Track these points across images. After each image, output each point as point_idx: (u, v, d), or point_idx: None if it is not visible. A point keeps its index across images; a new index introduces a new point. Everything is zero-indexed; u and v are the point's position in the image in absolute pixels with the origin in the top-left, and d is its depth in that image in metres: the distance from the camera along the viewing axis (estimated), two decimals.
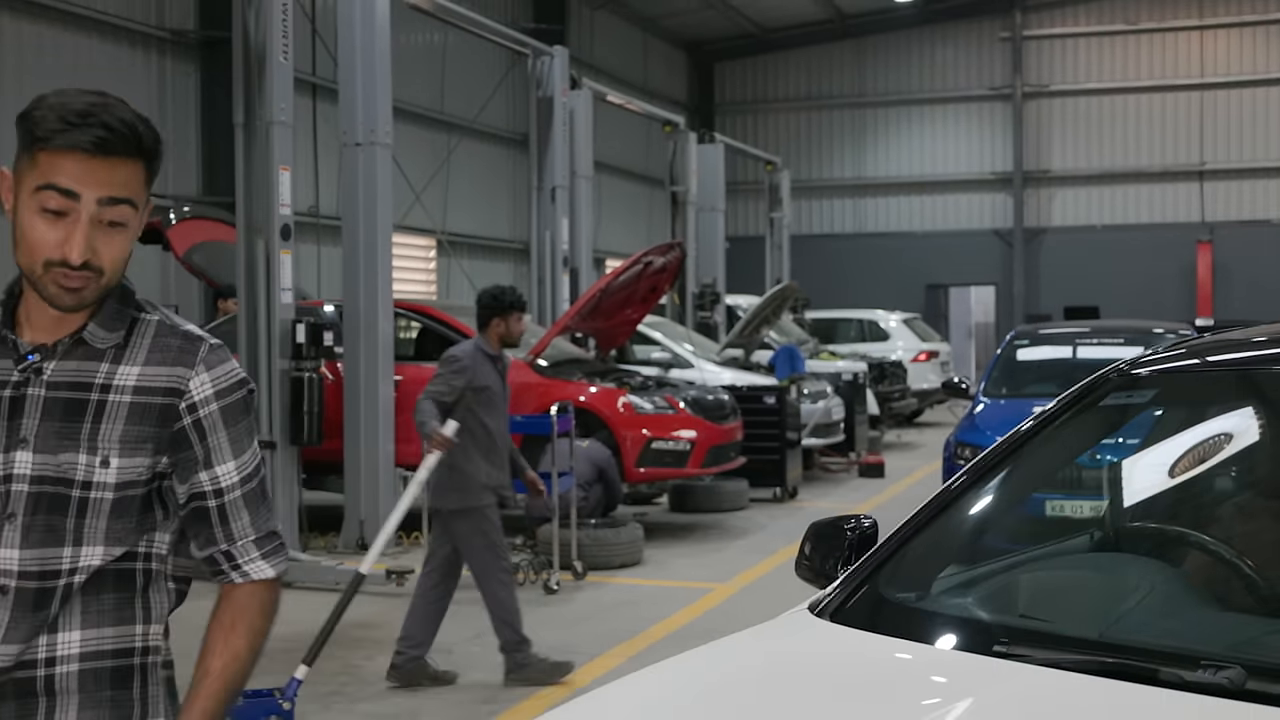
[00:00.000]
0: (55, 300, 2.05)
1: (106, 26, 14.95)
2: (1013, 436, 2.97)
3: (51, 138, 2.00)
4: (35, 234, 2.02)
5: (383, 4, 10.66)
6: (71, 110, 2.00)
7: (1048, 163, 29.43)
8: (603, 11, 26.44)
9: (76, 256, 2.00)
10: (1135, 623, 2.39)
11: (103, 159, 2.01)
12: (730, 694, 2.22)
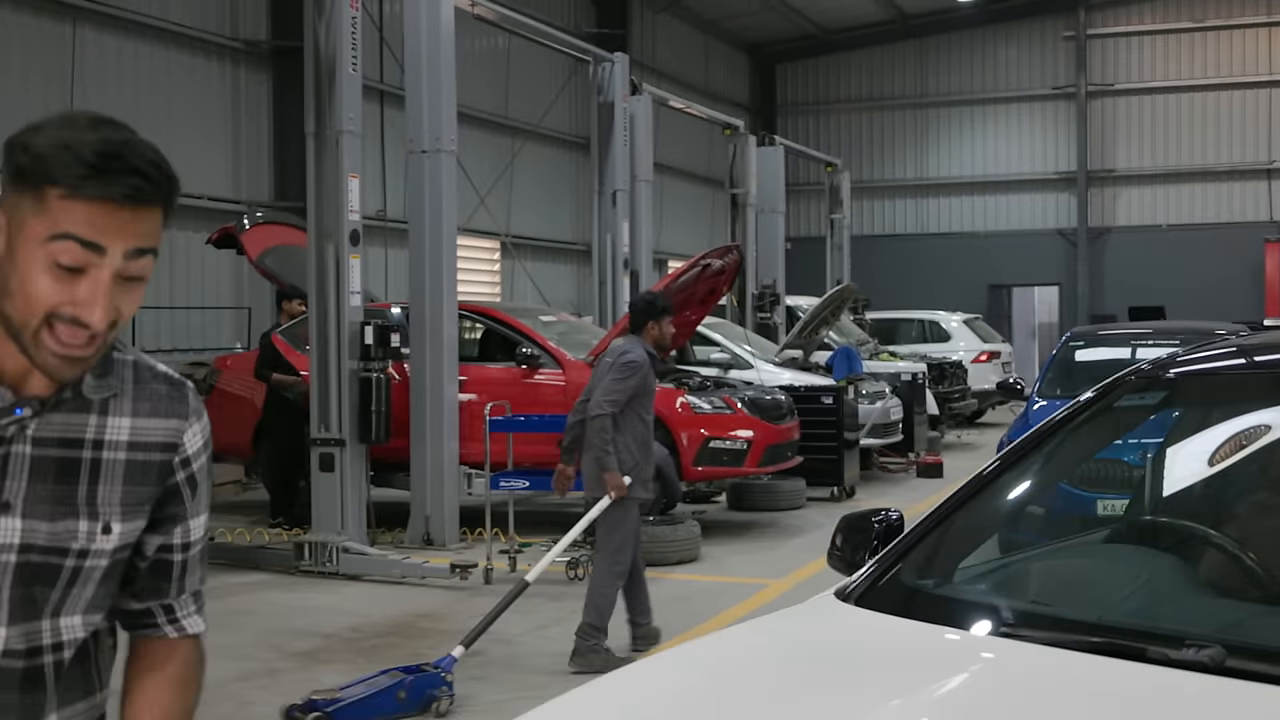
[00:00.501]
0: (49, 371, 1.75)
1: (183, 38, 15.41)
2: (1033, 434, 3.18)
3: (80, 185, 1.69)
4: (39, 288, 1.71)
5: (447, 17, 10.95)
6: (93, 150, 1.70)
7: (1112, 162, 29.31)
8: (665, 15, 26.69)
9: (100, 320, 1.73)
10: (1133, 608, 2.58)
11: (132, 209, 1.72)
12: (751, 670, 2.44)
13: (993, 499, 3.09)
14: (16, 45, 13.28)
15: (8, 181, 1.73)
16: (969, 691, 2.20)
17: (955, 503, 3.03)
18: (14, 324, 1.73)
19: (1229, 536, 2.83)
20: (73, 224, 1.69)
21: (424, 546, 10.72)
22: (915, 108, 30.82)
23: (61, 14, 13.88)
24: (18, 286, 1.72)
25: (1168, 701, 2.13)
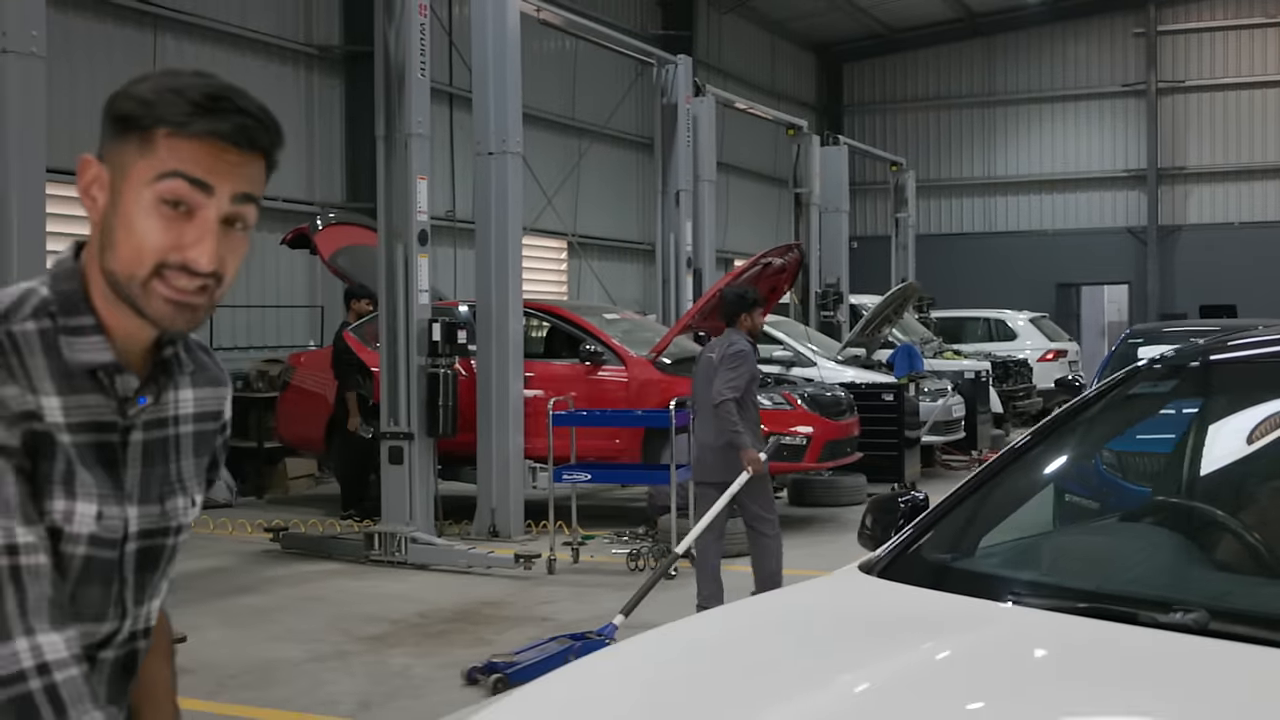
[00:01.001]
0: (162, 320, 1.70)
1: (259, 44, 15.84)
2: (1053, 419, 3.37)
3: (187, 122, 1.66)
4: (146, 232, 1.66)
5: (513, 23, 11.22)
6: (200, 91, 1.68)
7: (1183, 159, 29.08)
8: (731, 16, 26.85)
9: (208, 261, 1.67)
10: (1132, 578, 2.77)
11: (238, 151, 1.69)
12: (763, 630, 2.66)
13: (1013, 479, 3.29)
14: (101, 53, 13.74)
15: (110, 132, 1.71)
16: (967, 648, 2.41)
17: (977, 483, 3.23)
18: (120, 279, 1.68)
19: (1235, 516, 3.00)
20: (181, 161, 1.66)
21: (490, 538, 11.01)
22: (983, 106, 30.75)
23: (143, 22, 14.33)
24: (123, 236, 1.67)
25: (1152, 658, 2.33)
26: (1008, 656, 2.38)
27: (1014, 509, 3.30)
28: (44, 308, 1.69)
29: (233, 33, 15.43)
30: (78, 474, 1.68)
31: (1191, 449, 3.45)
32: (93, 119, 8.17)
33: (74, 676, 1.61)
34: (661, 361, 12.05)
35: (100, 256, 1.69)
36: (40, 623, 1.60)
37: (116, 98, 1.71)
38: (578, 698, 2.44)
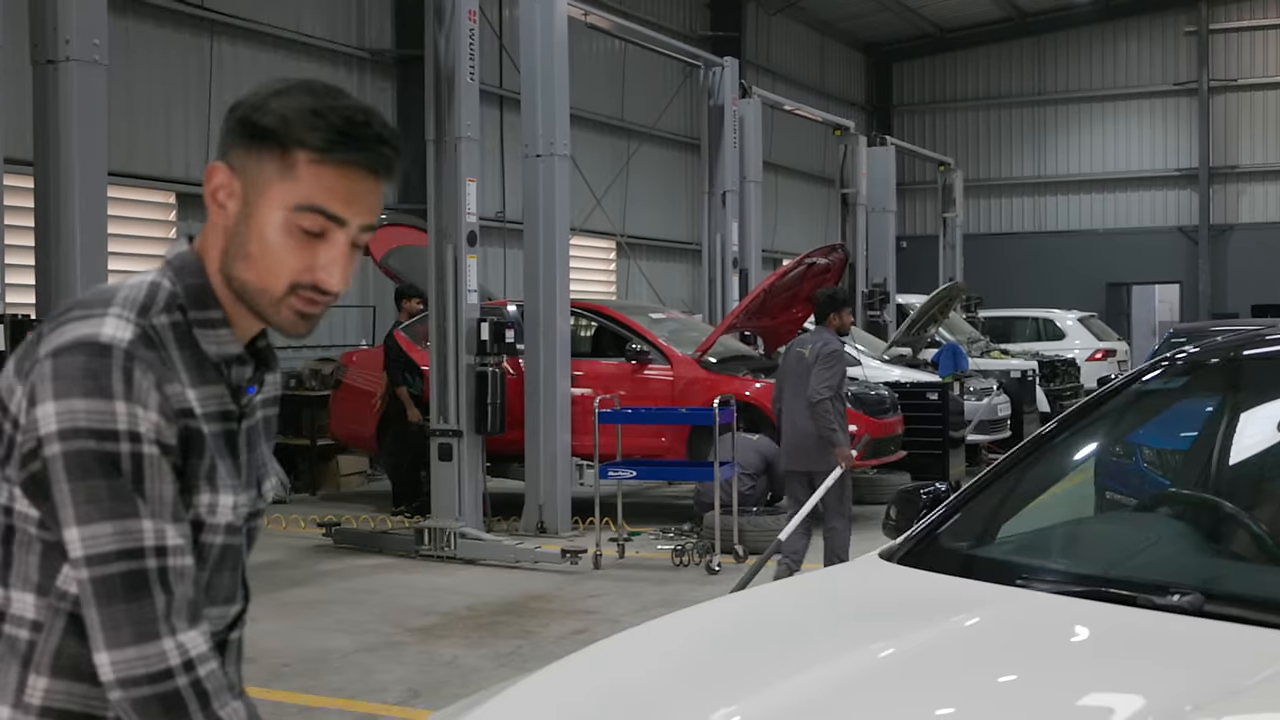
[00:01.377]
0: (288, 328, 1.78)
1: (313, 48, 16.13)
2: (1070, 413, 3.51)
3: (330, 150, 1.71)
4: (285, 254, 1.73)
5: (561, 28, 11.41)
6: (343, 116, 1.72)
7: (1235, 158, 28.88)
8: (780, 17, 26.94)
9: (339, 284, 1.75)
10: (1137, 564, 2.90)
11: (373, 180, 1.75)
12: (779, 610, 2.83)
13: (1030, 471, 3.43)
14: (159, 58, 14.07)
15: (243, 141, 1.73)
16: (971, 627, 2.56)
17: (994, 475, 3.38)
18: (250, 288, 1.75)
19: (1243, 508, 3.13)
20: (322, 192, 1.71)
21: (538, 534, 11.20)
22: (1033, 105, 30.67)
23: (200, 28, 14.65)
24: (257, 250, 1.73)
25: (1144, 636, 2.47)
26: (1008, 634, 2.53)
27: (1030, 500, 3.44)
28: (173, 301, 1.74)
29: (287, 37, 15.73)
30: (217, 466, 1.76)
31: (1206, 443, 3.57)
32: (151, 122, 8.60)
33: (214, 670, 1.68)
34: (707, 360, 12.20)
35: (227, 262, 1.75)
36: (181, 621, 1.66)
37: (254, 110, 1.72)
38: (611, 667, 2.61)
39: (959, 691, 2.28)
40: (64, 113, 7.41)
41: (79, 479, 1.63)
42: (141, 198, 13.95)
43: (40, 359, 1.67)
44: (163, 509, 1.66)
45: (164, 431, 1.67)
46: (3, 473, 1.72)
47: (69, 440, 1.63)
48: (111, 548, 1.64)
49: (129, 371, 1.65)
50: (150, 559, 1.65)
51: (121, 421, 1.64)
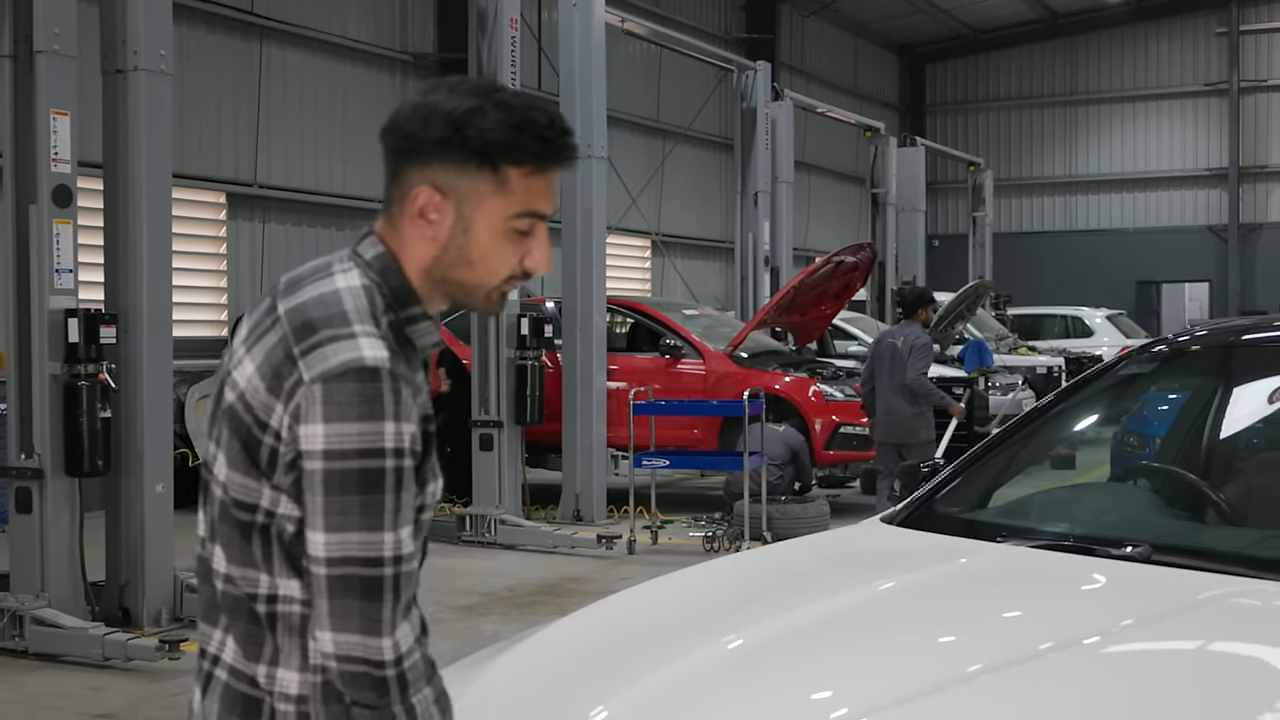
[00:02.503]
0: (489, 309, 1.99)
1: (358, 53, 16.65)
2: (1057, 394, 3.94)
3: (542, 161, 1.90)
4: (505, 254, 1.93)
5: (599, 35, 11.85)
6: (543, 126, 1.89)
7: (1265, 158, 29.06)
8: (814, 19, 27.30)
9: (546, 267, 1.98)
10: (1101, 524, 3.33)
11: (566, 172, 1.95)
12: (791, 560, 3.28)
13: (1017, 446, 3.85)
14: (211, 61, 14.60)
15: (453, 158, 1.89)
16: (948, 571, 3.00)
17: (985, 450, 3.80)
18: (469, 285, 1.95)
19: (1203, 478, 3.56)
20: (534, 198, 1.90)
21: (574, 522, 11.64)
22: (1065, 105, 30.92)
23: (250, 33, 15.18)
24: (478, 256, 1.92)
25: (1096, 576, 2.91)
26: (980, 575, 2.96)
27: (1017, 471, 3.87)
28: (386, 304, 1.91)
29: (334, 42, 16.24)
30: (433, 455, 1.95)
31: (1178, 422, 3.99)
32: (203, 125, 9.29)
33: (417, 660, 1.85)
34: (738, 355, 12.62)
35: (442, 268, 1.93)
36: (401, 619, 1.83)
37: (462, 128, 1.87)
38: (639, 608, 3.05)
39: (928, 619, 2.72)
40: (132, 120, 7.83)
41: (335, 494, 1.81)
42: (193, 198, 14.47)
43: (308, 383, 1.83)
44: (405, 517, 1.84)
45: (417, 440, 1.86)
46: (271, 481, 1.88)
47: (333, 460, 1.81)
48: (355, 554, 1.82)
49: (398, 392, 1.83)
50: (388, 568, 1.82)
51: (389, 440, 1.82)
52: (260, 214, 15.48)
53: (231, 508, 1.93)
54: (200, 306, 14.78)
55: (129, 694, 6.48)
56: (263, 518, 1.90)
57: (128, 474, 7.70)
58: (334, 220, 16.21)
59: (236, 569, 1.94)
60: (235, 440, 1.91)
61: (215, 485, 1.95)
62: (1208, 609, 2.64)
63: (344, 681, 1.84)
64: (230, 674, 1.94)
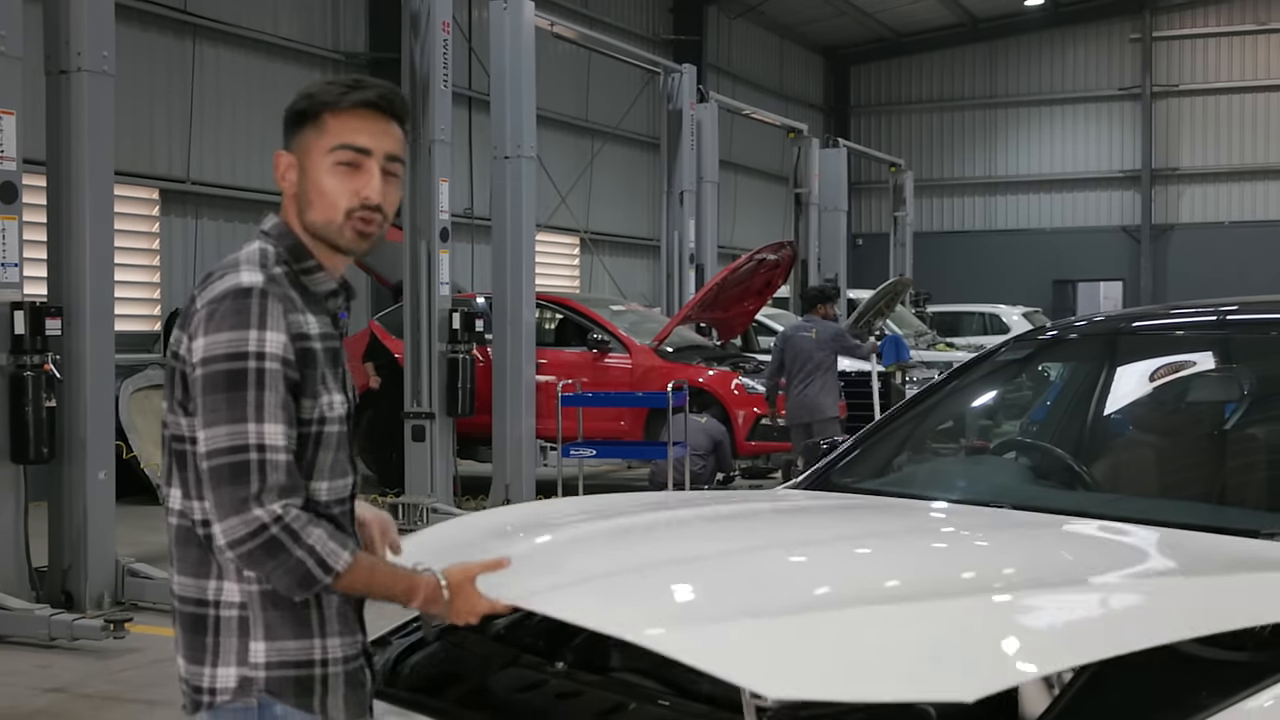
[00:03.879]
0: (352, 246, 2.34)
1: (290, 51, 16.86)
2: (945, 377, 4.37)
3: (343, 98, 2.28)
4: (334, 188, 2.29)
5: (528, 38, 12.19)
6: (347, 79, 2.33)
7: (1176, 160, 29.98)
8: (741, 21, 27.77)
9: (375, 194, 2.29)
10: (972, 490, 3.76)
11: (383, 118, 2.31)
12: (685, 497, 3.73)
13: (906, 425, 4.28)
14: (144, 59, 14.76)
15: (291, 127, 2.34)
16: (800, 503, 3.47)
17: (877, 429, 4.23)
18: (319, 226, 2.32)
19: (1068, 451, 4.00)
20: (347, 133, 2.29)
21: None
22: (985, 108, 31.67)
23: (183, 31, 15.37)
24: (316, 196, 2.30)
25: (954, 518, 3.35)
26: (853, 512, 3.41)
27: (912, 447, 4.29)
28: (279, 257, 2.32)
29: (266, 40, 16.45)
30: (327, 374, 2.30)
31: (1056, 402, 4.45)
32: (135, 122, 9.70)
33: (298, 513, 2.19)
34: (664, 349, 13.03)
35: (301, 217, 2.34)
36: (271, 498, 2.17)
37: (294, 103, 2.34)
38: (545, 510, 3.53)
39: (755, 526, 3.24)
40: (75, 119, 8.06)
41: (208, 393, 2.18)
42: (126, 194, 14.60)
43: (197, 309, 2.25)
44: (272, 413, 2.18)
45: (288, 349, 2.22)
46: (186, 408, 2.25)
47: (207, 365, 2.19)
48: (224, 444, 2.16)
49: (265, 307, 2.21)
50: (253, 454, 2.16)
51: (252, 345, 2.18)
52: (193, 210, 15.66)
53: (172, 444, 2.30)
54: (133, 301, 14.93)
55: (77, 670, 6.76)
56: (190, 445, 2.25)
57: (71, 461, 7.96)
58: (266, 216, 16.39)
59: (185, 502, 2.30)
60: (171, 385, 2.29)
61: (166, 433, 2.32)
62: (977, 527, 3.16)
63: (245, 564, 2.18)
64: (182, 600, 2.31)
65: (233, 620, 2.26)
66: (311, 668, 2.28)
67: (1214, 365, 4.09)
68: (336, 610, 2.31)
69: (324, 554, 2.19)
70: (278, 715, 2.26)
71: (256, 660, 2.25)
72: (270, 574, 2.19)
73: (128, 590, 8.06)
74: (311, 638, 2.28)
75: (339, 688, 2.30)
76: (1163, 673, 2.32)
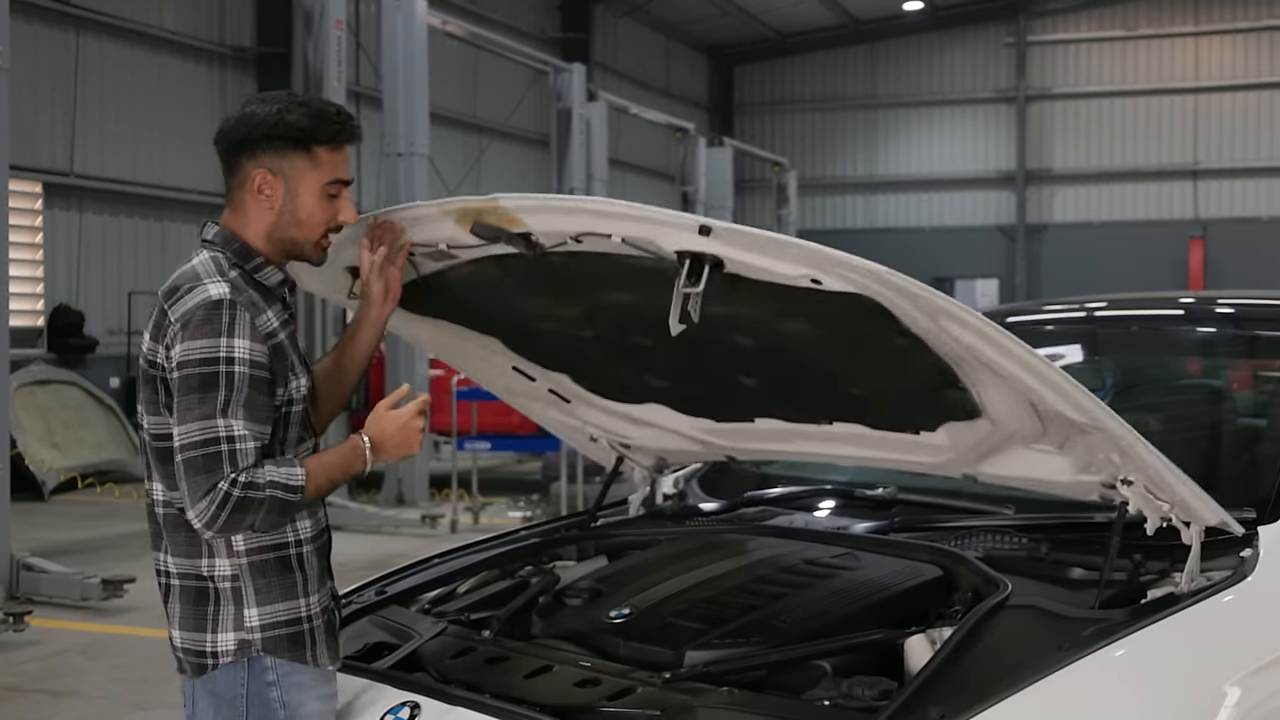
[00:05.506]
0: (315, 260, 2.66)
1: (174, 44, 16.73)
2: None
3: (336, 138, 2.58)
4: (321, 214, 2.59)
5: (420, 36, 12.31)
6: (334, 115, 2.59)
7: (1049, 162, 30.89)
8: (627, 19, 28.02)
9: (354, 219, 2.66)
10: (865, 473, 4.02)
11: (352, 148, 2.65)
12: None
13: None
14: (27, 51, 14.55)
15: (276, 146, 2.55)
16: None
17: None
18: (299, 241, 2.61)
19: None
20: (339, 169, 2.61)
21: (397, 505, 12.10)
22: (866, 109, 32.30)
23: (65, 23, 15.18)
24: (305, 218, 2.60)
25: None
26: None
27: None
28: (231, 262, 2.57)
29: (151, 33, 16.31)
30: (294, 360, 2.60)
31: None
32: (18, 114, 9.67)
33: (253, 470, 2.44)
34: None
35: (279, 230, 2.60)
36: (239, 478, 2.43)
37: (279, 124, 2.55)
38: None
39: None
40: None
41: (184, 393, 2.44)
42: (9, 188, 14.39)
43: (171, 321, 2.49)
44: (241, 410, 2.44)
45: (256, 351, 2.48)
46: (170, 409, 2.49)
47: (184, 369, 2.44)
48: (196, 438, 2.42)
49: (234, 316, 2.46)
50: (223, 445, 2.41)
51: (223, 350, 2.44)
52: (77, 204, 15.48)
53: (154, 443, 2.55)
54: (15, 296, 14.68)
55: None
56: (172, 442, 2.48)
57: None
58: (153, 211, 16.27)
59: (170, 492, 2.57)
60: (146, 390, 2.54)
61: (145, 434, 2.58)
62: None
63: (229, 532, 2.44)
64: (180, 577, 2.60)
65: (227, 591, 2.55)
66: (301, 624, 2.57)
67: (1081, 357, 4.41)
68: (315, 572, 2.61)
69: (285, 480, 2.45)
70: (266, 666, 2.55)
71: (252, 624, 2.54)
72: (255, 526, 2.46)
73: (23, 584, 8.04)
74: (297, 598, 2.57)
75: (322, 637, 2.61)
76: (1028, 630, 2.61)
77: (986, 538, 3.23)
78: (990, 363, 2.62)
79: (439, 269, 3.00)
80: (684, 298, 2.54)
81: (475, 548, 3.80)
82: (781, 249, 2.52)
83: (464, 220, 2.77)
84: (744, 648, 2.71)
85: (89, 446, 14.03)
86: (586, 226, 2.68)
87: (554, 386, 3.56)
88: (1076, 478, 2.90)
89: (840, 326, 2.77)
